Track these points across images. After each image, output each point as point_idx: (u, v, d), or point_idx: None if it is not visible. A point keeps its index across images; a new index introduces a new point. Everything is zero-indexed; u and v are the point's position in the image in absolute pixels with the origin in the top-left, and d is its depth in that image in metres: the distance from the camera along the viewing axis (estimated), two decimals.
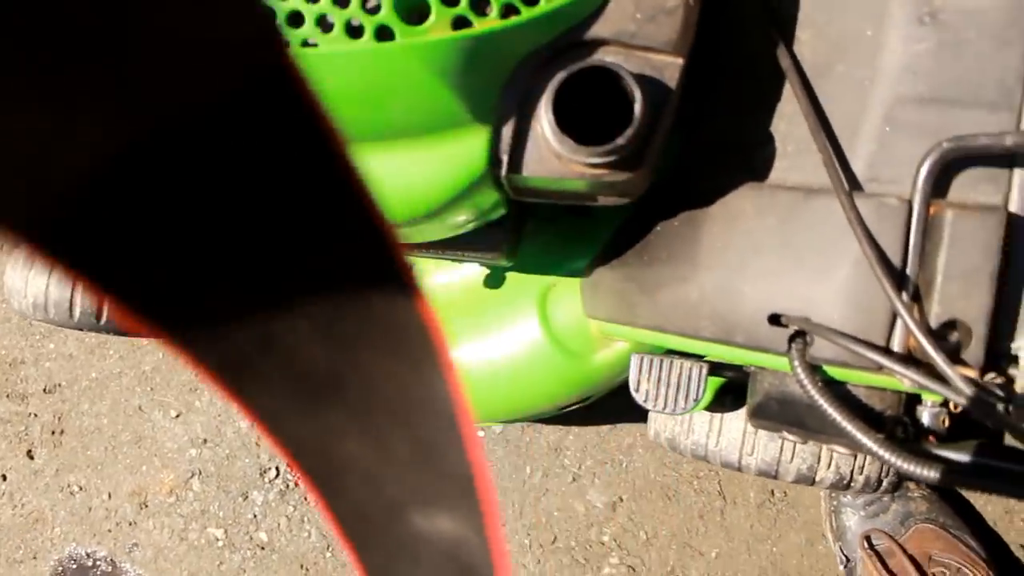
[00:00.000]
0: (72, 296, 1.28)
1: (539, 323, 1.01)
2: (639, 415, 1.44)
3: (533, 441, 1.49)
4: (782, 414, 0.79)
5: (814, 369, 0.71)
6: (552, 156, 0.72)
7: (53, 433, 1.66)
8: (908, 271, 0.69)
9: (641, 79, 0.69)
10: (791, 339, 0.72)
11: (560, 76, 0.68)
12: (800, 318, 0.71)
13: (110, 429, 1.64)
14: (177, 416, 1.62)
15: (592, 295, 0.96)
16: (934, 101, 0.74)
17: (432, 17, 0.64)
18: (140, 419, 1.63)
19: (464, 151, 0.70)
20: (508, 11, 0.66)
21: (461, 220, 0.79)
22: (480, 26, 0.65)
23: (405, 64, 0.65)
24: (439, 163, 0.71)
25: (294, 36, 0.63)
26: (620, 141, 0.68)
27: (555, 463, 1.49)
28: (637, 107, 0.67)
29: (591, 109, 0.70)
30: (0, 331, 1.70)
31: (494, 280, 1.06)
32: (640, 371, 0.87)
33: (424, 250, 0.95)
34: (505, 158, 0.71)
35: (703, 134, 0.86)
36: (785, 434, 0.86)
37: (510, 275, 1.06)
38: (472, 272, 1.09)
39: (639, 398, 0.87)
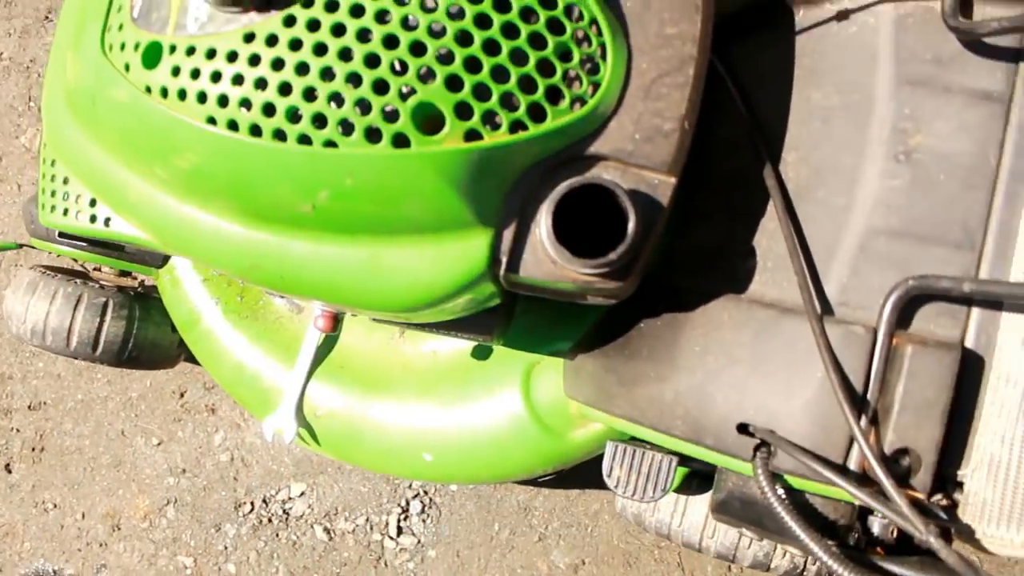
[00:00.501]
0: (71, 325, 1.30)
1: (521, 398, 1.06)
2: None
3: (503, 499, 1.53)
4: (743, 513, 0.83)
5: (775, 477, 0.76)
6: (548, 260, 0.77)
7: (33, 450, 1.68)
8: (868, 397, 0.74)
9: (635, 196, 0.74)
10: (756, 448, 0.77)
11: (560, 190, 0.73)
12: (766, 430, 0.76)
13: (91, 451, 1.67)
14: (159, 444, 1.65)
15: (574, 377, 1.01)
16: (904, 235, 0.80)
17: (447, 128, 0.69)
18: (122, 444, 1.66)
19: (467, 251, 0.75)
20: (516, 126, 0.71)
21: (459, 308, 0.83)
22: (490, 139, 0.71)
23: (419, 170, 0.70)
24: (444, 260, 0.76)
25: (317, 136, 0.68)
26: (612, 257, 0.73)
27: (523, 522, 1.53)
28: (631, 226, 0.72)
29: (588, 216, 0.75)
30: None
31: (481, 352, 1.11)
32: (614, 458, 0.91)
33: (417, 328, 1.00)
34: (504, 259, 0.76)
35: (690, 238, 0.91)
36: (744, 531, 0.91)
37: (497, 348, 1.10)
38: (459, 342, 1.13)
39: (611, 483, 0.91)
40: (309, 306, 1.20)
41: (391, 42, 0.67)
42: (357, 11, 0.67)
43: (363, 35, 0.67)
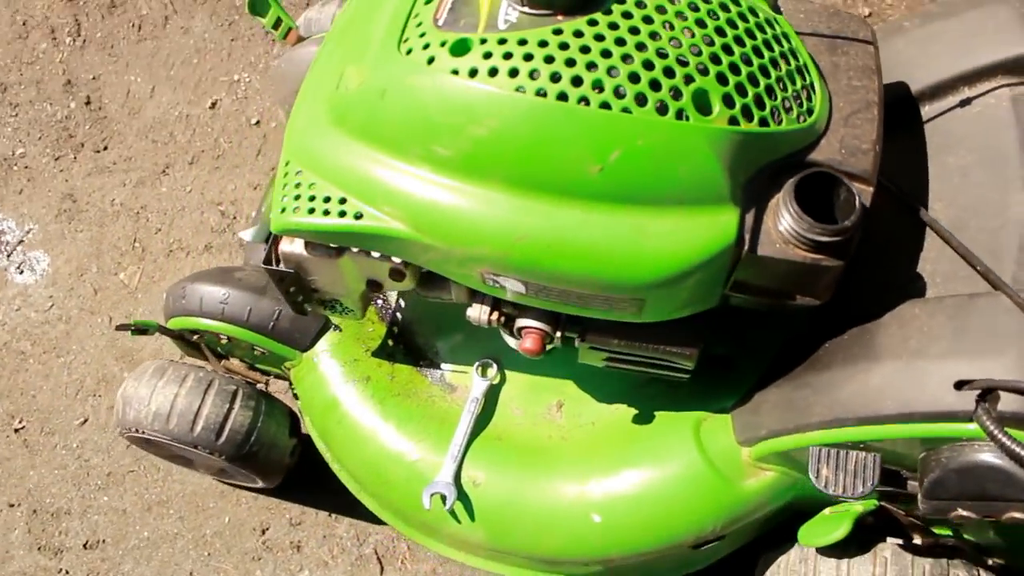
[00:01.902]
0: (199, 408, 1.30)
1: (696, 450, 1.10)
2: None
3: None
4: (961, 486, 0.87)
5: (1002, 421, 0.82)
6: (781, 242, 0.89)
7: None
8: None
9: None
10: (979, 399, 0.84)
11: (801, 174, 0.88)
12: (986, 379, 0.84)
13: None
14: None
15: (750, 419, 1.07)
16: None
17: (715, 111, 0.85)
18: None
19: (718, 224, 0.87)
20: (763, 122, 0.87)
21: (683, 298, 0.93)
22: (745, 127, 0.86)
23: (694, 139, 0.84)
24: (699, 230, 0.87)
25: (616, 104, 0.82)
26: (847, 223, 0.86)
27: None
28: (858, 201, 0.87)
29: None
30: (52, 478, 1.64)
31: (644, 418, 1.16)
32: (819, 460, 0.96)
33: (622, 361, 1.07)
34: (747, 236, 0.88)
35: (859, 274, 1.04)
36: (959, 511, 0.93)
37: (658, 413, 1.16)
38: (616, 412, 1.19)
39: (819, 484, 0.94)
40: (462, 384, 1.25)
41: (677, 42, 0.85)
42: (648, 20, 0.85)
43: (654, 36, 0.85)
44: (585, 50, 0.83)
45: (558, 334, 1.04)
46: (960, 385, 0.86)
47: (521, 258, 0.90)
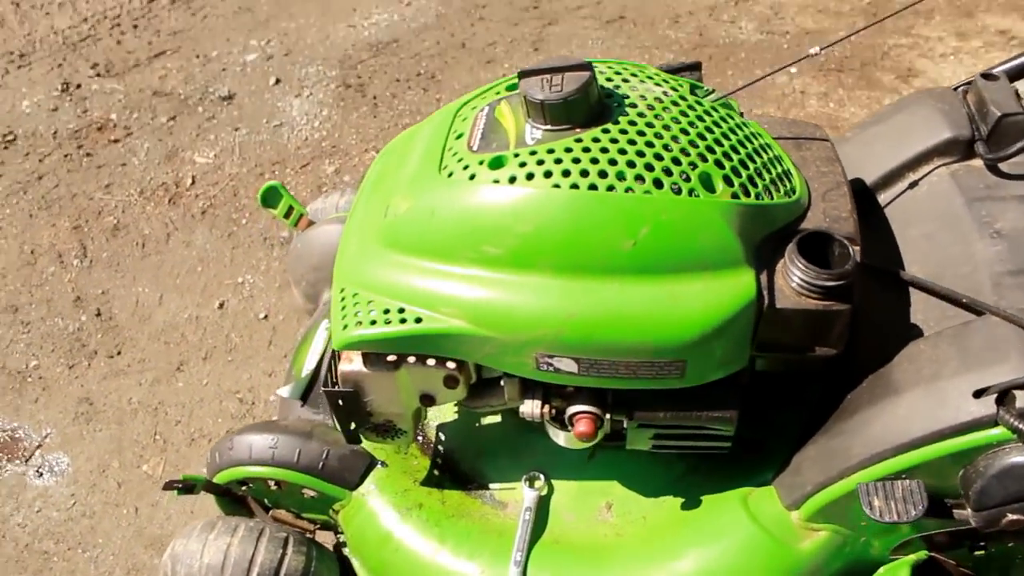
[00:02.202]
0: (253, 556, 1.30)
1: (749, 520, 1.16)
2: None
3: None
4: (1004, 489, 0.95)
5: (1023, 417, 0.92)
6: (794, 295, 1.03)
7: None
8: None
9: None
10: (997, 402, 0.95)
11: (801, 234, 1.03)
12: (1000, 383, 0.95)
13: None
14: None
15: (794, 480, 1.14)
16: (1019, 272, 1.10)
17: (719, 189, 1.01)
18: None
19: (740, 284, 1.00)
20: (758, 196, 1.04)
21: (718, 356, 1.04)
22: (745, 200, 1.02)
23: (706, 212, 0.99)
24: (724, 290, 1.00)
25: (639, 188, 0.98)
26: (847, 267, 1.00)
27: None
28: (852, 251, 1.02)
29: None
30: None
31: (692, 504, 1.22)
32: (869, 494, 1.02)
33: (668, 437, 1.15)
34: (765, 294, 1.02)
35: (860, 339, 1.17)
36: (1009, 516, 0.98)
37: (705, 498, 1.23)
38: (665, 503, 1.25)
39: (874, 515, 1.01)
40: (512, 499, 1.30)
41: (677, 139, 1.03)
42: (650, 125, 1.03)
43: (659, 135, 1.02)
44: (605, 151, 1.00)
45: (607, 416, 1.12)
46: (979, 394, 0.96)
47: (572, 335, 1.01)
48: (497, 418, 1.37)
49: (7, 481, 1.86)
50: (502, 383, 1.17)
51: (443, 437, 1.39)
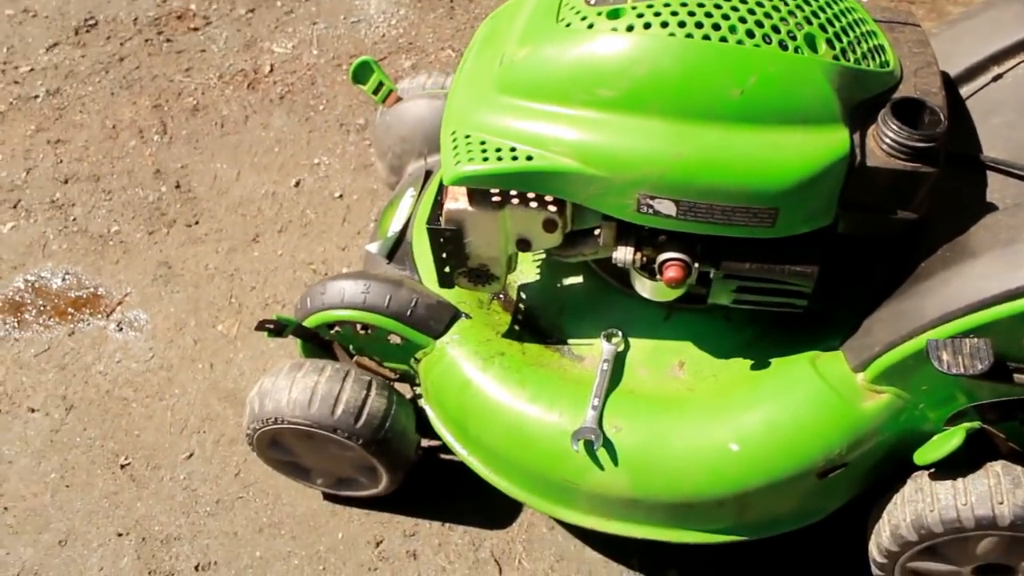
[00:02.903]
0: (339, 394, 1.40)
1: (817, 378, 1.23)
2: None
3: None
4: None
5: None
6: (884, 155, 1.09)
7: None
8: None
9: None
10: None
11: (896, 97, 1.09)
12: None
13: None
14: None
15: (862, 342, 1.21)
16: None
17: (822, 50, 1.07)
18: None
19: (835, 139, 1.06)
20: (858, 62, 1.09)
21: (808, 208, 1.10)
22: (845, 63, 1.08)
23: (810, 68, 1.05)
24: (822, 143, 1.06)
25: (749, 41, 1.04)
26: (937, 130, 1.06)
27: None
28: (942, 116, 1.07)
29: None
30: (160, 508, 1.68)
31: (763, 365, 1.30)
32: (938, 348, 1.09)
33: (750, 291, 1.22)
34: (857, 151, 1.08)
35: (939, 208, 1.23)
36: None
37: (774, 360, 1.30)
38: (735, 364, 1.33)
39: (942, 367, 1.07)
40: (589, 355, 1.38)
41: (785, 2, 1.08)
42: None
43: None
44: (718, 6, 1.05)
45: (696, 265, 1.19)
46: None
47: (676, 176, 1.07)
48: (578, 279, 1.45)
49: (90, 333, 1.96)
50: (596, 232, 1.25)
51: (524, 296, 1.47)
